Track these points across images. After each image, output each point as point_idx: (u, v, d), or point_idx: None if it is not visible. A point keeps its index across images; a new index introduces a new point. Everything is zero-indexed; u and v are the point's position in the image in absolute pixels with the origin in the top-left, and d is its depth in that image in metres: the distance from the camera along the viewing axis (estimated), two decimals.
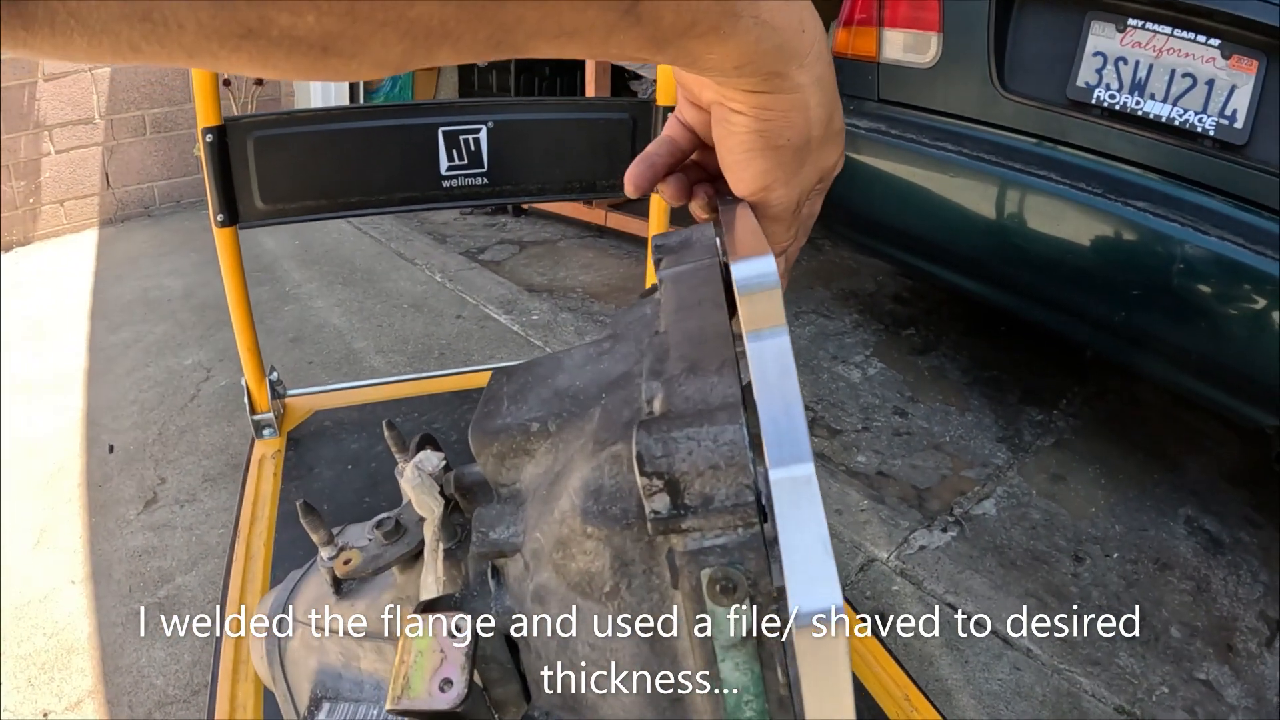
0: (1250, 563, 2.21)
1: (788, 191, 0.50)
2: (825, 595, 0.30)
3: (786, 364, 0.36)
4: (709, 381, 0.39)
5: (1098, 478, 2.45)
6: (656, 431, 0.36)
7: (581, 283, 3.44)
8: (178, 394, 2.56)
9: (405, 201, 1.50)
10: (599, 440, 0.44)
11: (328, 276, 3.39)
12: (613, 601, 0.43)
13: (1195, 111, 1.80)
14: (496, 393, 0.53)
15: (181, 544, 2.00)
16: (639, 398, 0.46)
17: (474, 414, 0.52)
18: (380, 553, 0.62)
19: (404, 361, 2.76)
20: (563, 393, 0.50)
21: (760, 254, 0.37)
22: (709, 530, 0.36)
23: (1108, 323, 2.05)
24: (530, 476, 0.51)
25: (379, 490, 1.44)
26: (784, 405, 0.34)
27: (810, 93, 0.44)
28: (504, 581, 0.51)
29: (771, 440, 0.33)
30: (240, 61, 0.29)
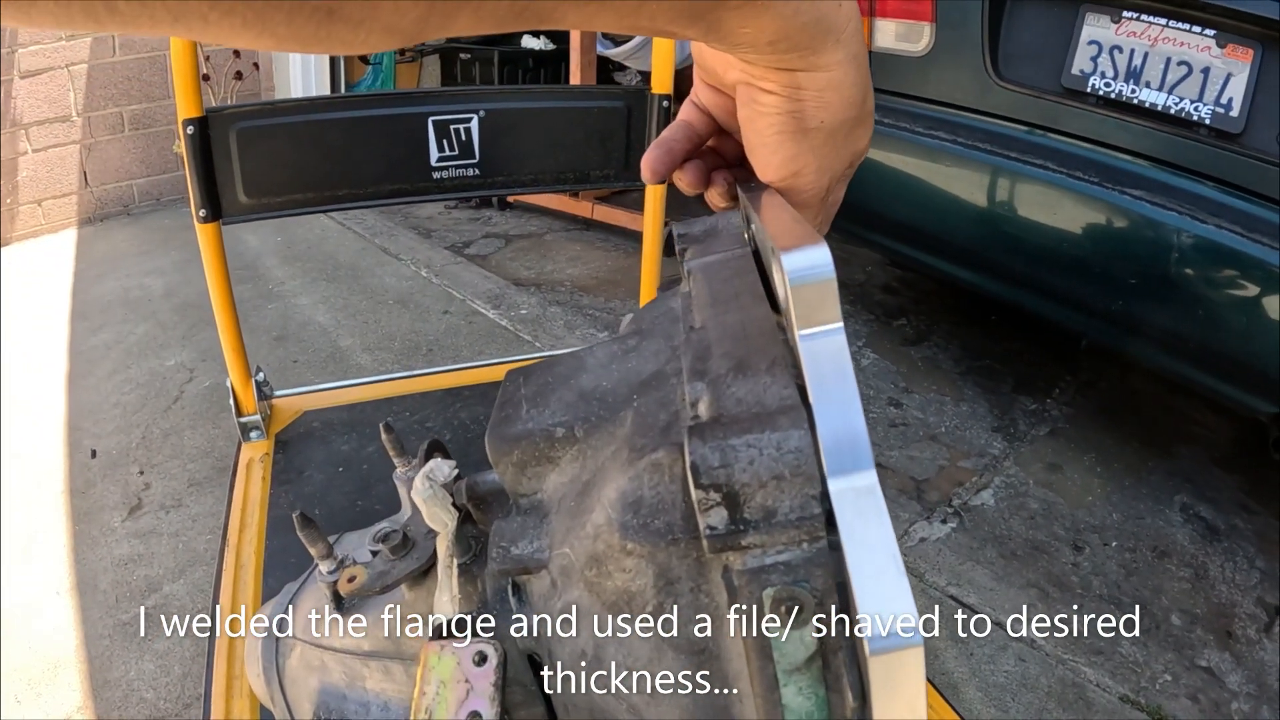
0: (1246, 549, 2.21)
1: (818, 177, 0.47)
2: (901, 614, 0.28)
3: (844, 364, 0.33)
4: (761, 381, 0.36)
5: (1093, 466, 2.44)
6: (712, 439, 0.33)
7: (569, 276, 3.40)
8: (160, 396, 2.51)
9: (394, 194, 1.46)
10: (635, 447, 0.41)
11: (311, 273, 3.35)
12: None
13: (1191, 100, 1.79)
14: (514, 395, 0.50)
15: (168, 551, 1.95)
16: (676, 399, 0.42)
17: (490, 419, 0.48)
18: (387, 569, 0.58)
19: (391, 359, 2.72)
20: (589, 394, 0.47)
21: (812, 243, 0.34)
22: (771, 546, 0.33)
23: (1104, 311, 2.04)
24: (554, 486, 0.47)
25: (371, 493, 1.40)
26: (843, 409, 0.32)
27: (846, 71, 0.42)
28: (526, 598, 0.48)
29: (831, 447, 0.31)
30: (233, 25, 0.25)
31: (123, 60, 3.76)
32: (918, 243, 2.39)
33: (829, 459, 0.31)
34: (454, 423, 1.61)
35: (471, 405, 1.66)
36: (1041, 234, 2.05)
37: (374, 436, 1.56)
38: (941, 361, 2.91)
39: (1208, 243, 1.78)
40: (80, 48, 3.62)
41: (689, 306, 0.46)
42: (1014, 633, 1.90)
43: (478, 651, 0.43)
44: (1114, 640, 1.91)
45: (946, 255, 2.35)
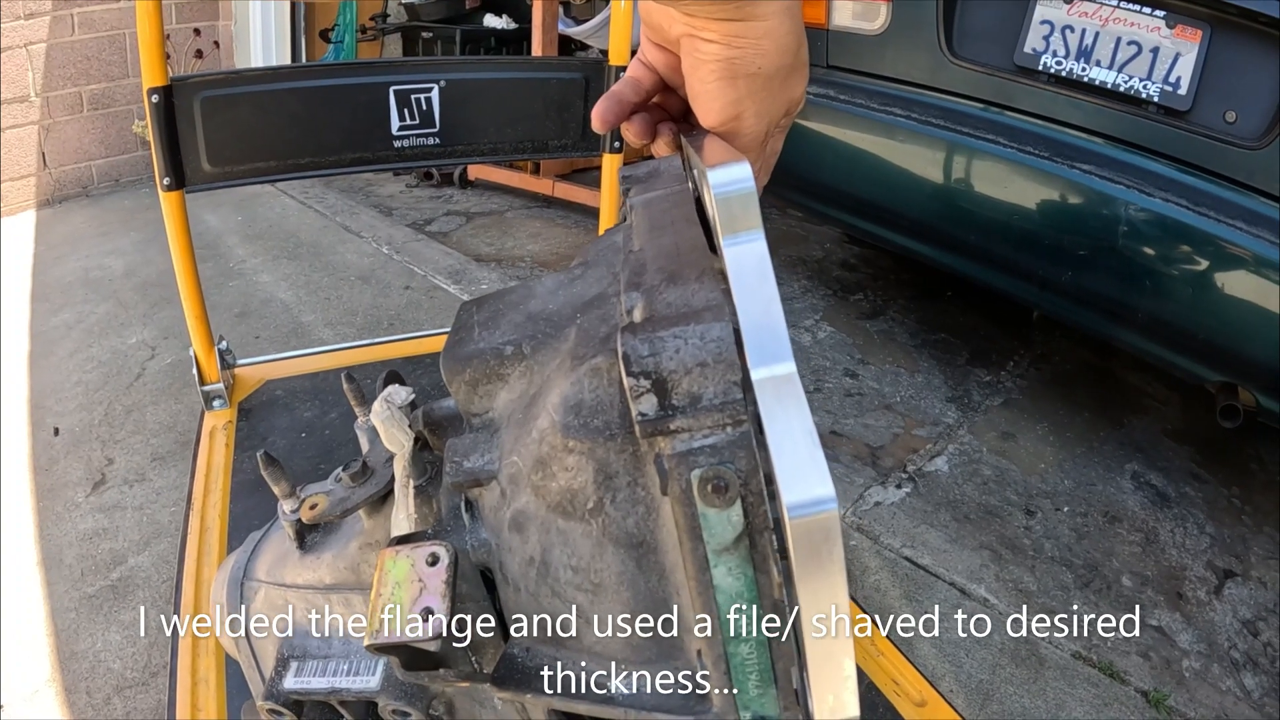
0: (1196, 515, 2.27)
1: (757, 121, 0.50)
2: (817, 485, 0.30)
3: (764, 267, 0.36)
4: (690, 288, 0.39)
5: (1046, 435, 2.50)
6: (642, 333, 0.36)
7: (530, 252, 3.42)
8: (122, 374, 2.50)
9: (356, 162, 1.47)
10: (577, 356, 0.44)
11: (272, 251, 3.33)
12: (597, 518, 0.42)
13: (1140, 78, 1.83)
14: (467, 321, 0.52)
15: (132, 524, 1.95)
16: (615, 315, 0.45)
17: (444, 344, 0.51)
18: (347, 495, 0.61)
19: (353, 334, 2.72)
20: (536, 316, 0.50)
21: (735, 160, 0.37)
22: (698, 430, 0.35)
23: (1055, 283, 2.08)
24: (504, 403, 0.50)
25: (334, 457, 1.42)
26: (764, 307, 0.34)
27: (781, 20, 0.45)
28: (478, 514, 0.50)
29: (753, 341, 0.33)
30: None
31: (82, 39, 3.71)
32: (874, 218, 2.43)
33: (751, 351, 0.33)
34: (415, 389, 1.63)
35: (433, 372, 1.67)
36: (994, 208, 2.09)
37: (335, 404, 1.57)
38: (897, 335, 2.96)
39: (1156, 216, 1.83)
40: (39, 26, 3.56)
41: (629, 236, 0.49)
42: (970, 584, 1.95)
43: (430, 553, 0.45)
44: (1066, 599, 1.96)
45: (902, 230, 2.38)
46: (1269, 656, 1.91)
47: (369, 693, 0.63)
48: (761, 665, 0.38)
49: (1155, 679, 1.82)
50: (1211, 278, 1.83)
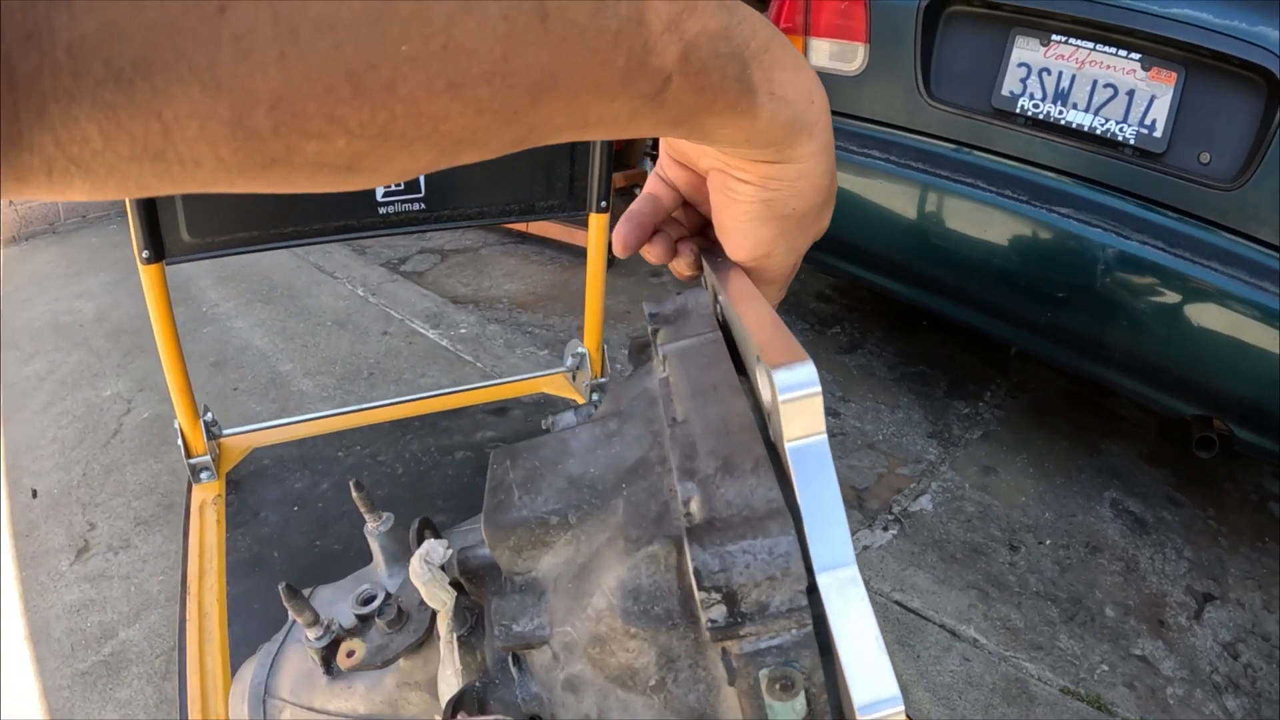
0: (1174, 540, 2.31)
1: (786, 257, 0.51)
2: (884, 688, 0.32)
3: (827, 469, 0.36)
4: (747, 483, 0.39)
5: (1025, 467, 2.53)
6: (710, 545, 0.36)
7: (507, 292, 3.41)
8: (99, 429, 2.45)
9: (340, 230, 1.46)
10: (630, 538, 0.44)
11: (246, 294, 3.29)
12: (659, 694, 0.42)
13: (1116, 121, 1.87)
14: (503, 480, 0.52)
15: (120, 595, 1.91)
16: (663, 488, 0.45)
17: (484, 504, 0.51)
18: (385, 642, 0.60)
19: (333, 383, 2.69)
20: (578, 481, 0.50)
21: (799, 360, 0.38)
22: (765, 634, 0.36)
23: (1034, 323, 2.12)
24: (548, 566, 0.50)
25: (329, 532, 1.40)
26: (827, 510, 0.36)
27: (817, 161, 0.45)
28: (527, 668, 0.51)
29: (817, 544, 0.35)
30: (254, 187, 0.28)
31: None
32: (853, 258, 2.45)
33: (816, 555, 0.35)
34: (405, 455, 1.61)
35: (422, 436, 1.67)
36: (973, 250, 2.12)
37: (326, 473, 1.55)
38: (876, 369, 2.99)
39: (1133, 257, 1.87)
40: None
41: (668, 395, 0.49)
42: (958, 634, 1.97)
43: None
44: (1052, 634, 1.99)
45: (881, 271, 2.41)
46: (1249, 678, 1.96)
47: None
48: None
49: (1141, 708, 1.85)
50: (1188, 316, 1.87)
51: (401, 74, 0.26)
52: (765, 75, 0.39)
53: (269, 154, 0.26)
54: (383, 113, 0.27)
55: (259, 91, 0.24)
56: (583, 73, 0.31)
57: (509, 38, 0.28)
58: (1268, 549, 2.33)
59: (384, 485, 1.53)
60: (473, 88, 0.28)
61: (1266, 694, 1.93)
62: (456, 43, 0.27)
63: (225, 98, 0.24)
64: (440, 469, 1.57)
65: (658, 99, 0.35)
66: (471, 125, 0.30)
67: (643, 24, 0.32)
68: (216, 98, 0.24)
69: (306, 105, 0.25)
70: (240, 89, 0.24)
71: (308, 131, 0.26)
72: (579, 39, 0.30)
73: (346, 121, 0.26)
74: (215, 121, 0.24)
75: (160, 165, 0.25)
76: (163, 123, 0.24)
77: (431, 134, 0.29)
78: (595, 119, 0.34)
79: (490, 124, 0.30)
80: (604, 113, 0.34)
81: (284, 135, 0.26)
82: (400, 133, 0.28)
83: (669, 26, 0.33)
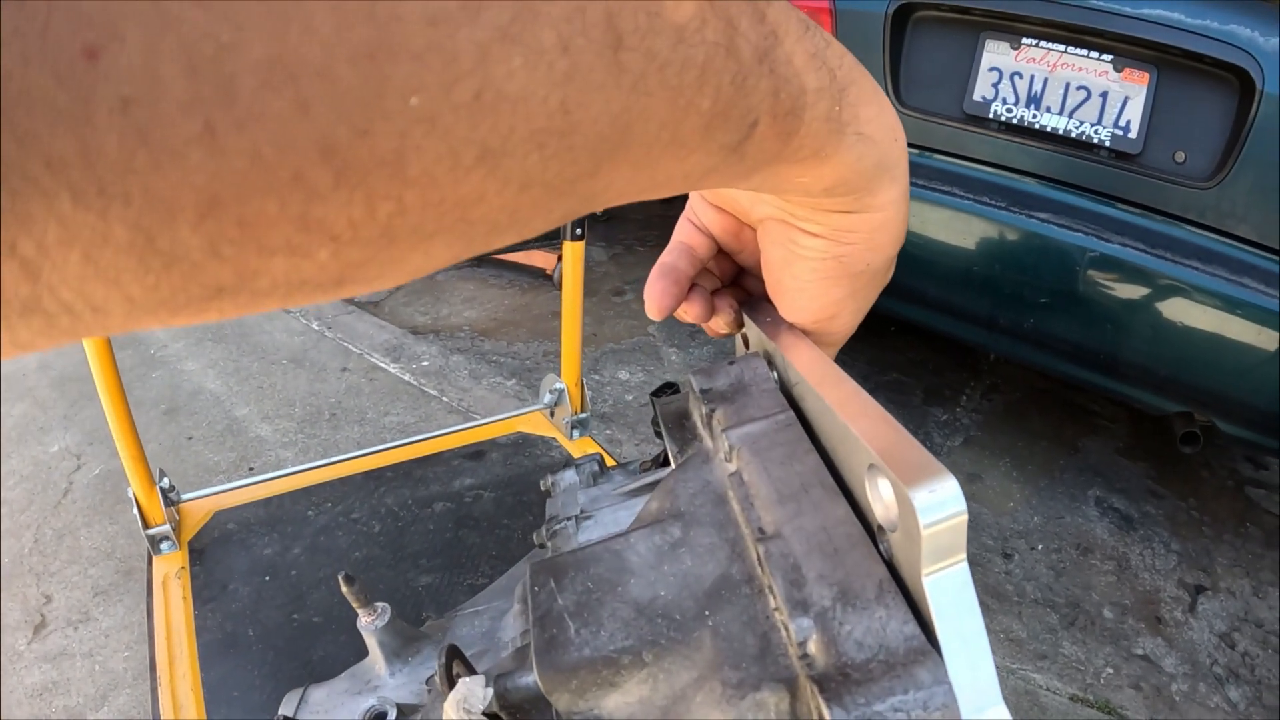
0: (1160, 534, 2.32)
1: (852, 320, 0.45)
2: None
3: (970, 601, 0.31)
4: (876, 616, 0.33)
5: (1010, 471, 2.51)
6: (854, 706, 0.30)
7: (468, 319, 3.30)
8: (48, 489, 2.32)
9: None
10: (729, 682, 0.37)
11: (195, 333, 3.14)
12: None
13: (1091, 123, 1.84)
14: (551, 609, 0.44)
15: (84, 675, 1.79)
16: (758, 615, 0.39)
17: (533, 640, 0.43)
18: None
19: (294, 427, 2.57)
20: (647, 610, 0.42)
21: (939, 476, 0.31)
22: None
23: (1017, 330, 2.09)
24: (616, 705, 0.43)
25: (306, 603, 1.31)
26: (974, 651, 0.31)
27: (898, 209, 0.38)
28: None
29: (965, 690, 0.31)
30: (204, 319, 0.19)
31: None
32: None
33: (964, 702, 0.30)
34: (380, 510, 1.53)
35: (396, 488, 1.58)
36: (952, 258, 2.09)
37: (297, 535, 1.46)
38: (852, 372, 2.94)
39: (1113, 259, 1.85)
40: None
41: (746, 497, 0.42)
42: None
43: None
44: (1055, 642, 1.97)
45: None
46: (1248, 666, 1.97)
47: None
48: None
49: (1149, 708, 1.85)
50: (1170, 315, 1.86)
51: (412, 144, 0.18)
52: (854, 112, 0.32)
53: (211, 283, 0.17)
54: (385, 205, 0.18)
55: (176, 194, 0.15)
56: (661, 123, 0.23)
57: (570, 79, 0.20)
58: (1250, 534, 2.36)
59: (361, 545, 1.44)
60: (518, 155, 0.20)
61: (1266, 680, 1.94)
62: (495, 90, 0.18)
63: (118, 210, 0.15)
64: (420, 523, 1.49)
65: (740, 149, 0.27)
66: (512, 206, 0.21)
67: (733, 53, 0.25)
68: (104, 211, 0.15)
69: (262, 207, 0.16)
70: (142, 192, 0.15)
71: (269, 246, 0.17)
72: (658, 76, 0.22)
73: (330, 225, 0.18)
74: (109, 248, 0.16)
75: (38, 320, 0.16)
76: (21, 260, 0.15)
77: (458, 224, 0.21)
78: (664, 180, 0.26)
79: (537, 201, 0.22)
80: (674, 171, 0.26)
81: (230, 256, 0.17)
82: (413, 229, 0.20)
83: (761, 56, 0.26)
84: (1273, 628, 2.07)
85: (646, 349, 3.02)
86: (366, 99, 0.17)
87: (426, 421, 2.58)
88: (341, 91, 0.16)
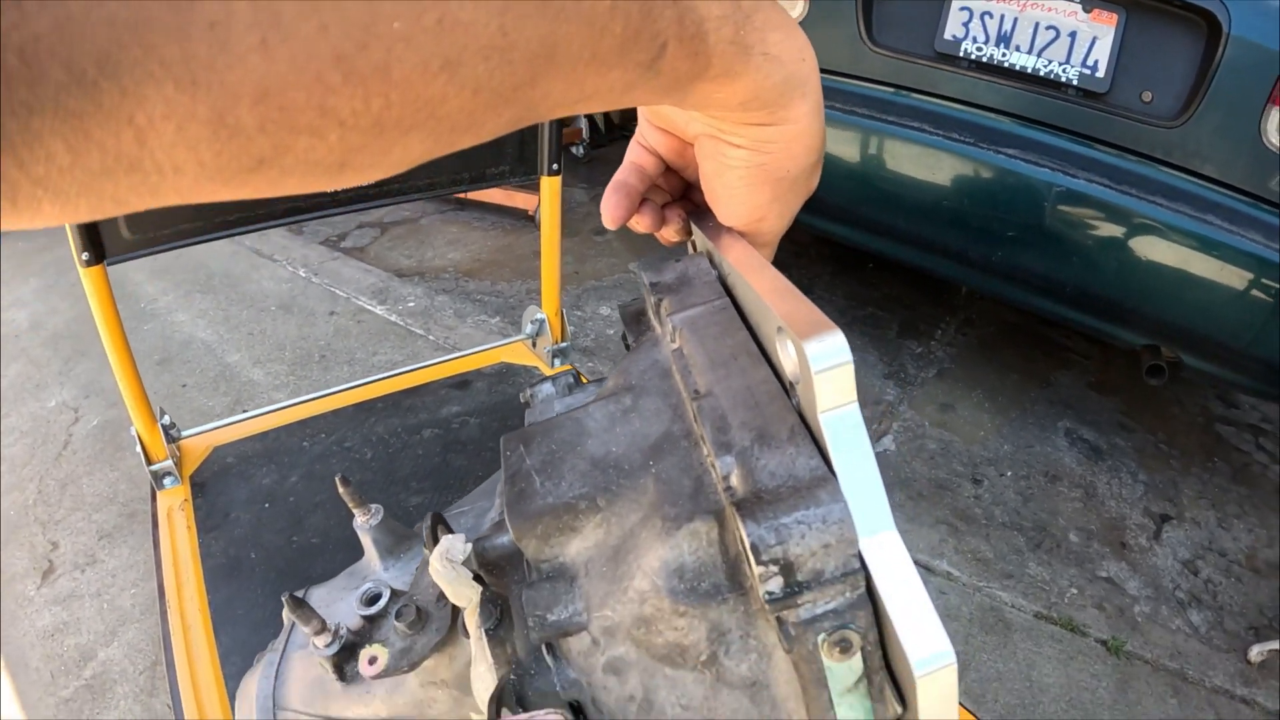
0: (1129, 464, 2.39)
1: (780, 221, 0.51)
2: (936, 644, 0.34)
3: (861, 437, 0.37)
4: (787, 453, 0.39)
5: (981, 401, 2.58)
6: (764, 520, 0.36)
7: (451, 261, 3.36)
8: (48, 443, 2.37)
9: (290, 213, 1.42)
10: (668, 516, 0.43)
11: (184, 286, 3.18)
12: (710, 668, 0.42)
13: (1059, 62, 1.89)
14: (520, 467, 0.51)
15: (93, 614, 1.86)
16: (693, 463, 0.45)
17: (504, 495, 0.50)
18: (408, 645, 0.59)
19: (285, 370, 2.63)
20: (601, 463, 0.49)
21: (829, 330, 0.38)
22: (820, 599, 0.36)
23: (985, 263, 2.15)
24: (577, 550, 0.49)
25: (305, 526, 1.38)
26: (865, 477, 0.37)
27: (811, 121, 0.44)
28: (563, 655, 0.50)
29: (859, 512, 0.36)
30: (240, 193, 0.26)
31: None
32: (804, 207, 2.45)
33: (859, 522, 0.36)
34: (371, 438, 1.59)
35: (386, 418, 1.64)
36: (922, 192, 2.14)
37: (293, 465, 1.52)
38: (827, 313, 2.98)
39: (1080, 195, 1.91)
40: None
41: (685, 366, 0.48)
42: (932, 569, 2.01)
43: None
44: (1021, 563, 2.05)
45: (831, 216, 2.42)
46: (1210, 592, 2.05)
47: None
48: None
49: (1112, 627, 1.93)
50: (1135, 250, 1.92)
51: (395, 55, 0.25)
52: (759, 36, 0.38)
53: (256, 154, 0.24)
54: (377, 100, 0.25)
55: (241, 84, 0.22)
56: (581, 44, 0.30)
57: (506, 10, 0.27)
58: (1218, 469, 2.43)
59: (354, 471, 1.51)
60: (470, 65, 0.27)
61: (1228, 607, 2.01)
62: (452, 17, 0.25)
63: (204, 94, 0.22)
64: (409, 449, 1.55)
65: (654, 67, 0.34)
66: (469, 108, 0.28)
67: None
68: (194, 95, 0.22)
69: (295, 97, 0.23)
70: (219, 83, 0.22)
71: (297, 126, 0.24)
72: (576, 8, 0.29)
73: (339, 112, 0.25)
74: (194, 122, 0.22)
75: (136, 177, 0.23)
76: (135, 128, 0.22)
77: (428, 120, 0.27)
78: (591, 91, 0.33)
79: (488, 104, 0.29)
80: (600, 84, 0.33)
81: (271, 132, 0.24)
82: (395, 121, 0.26)
83: None
84: (1236, 557, 2.14)
85: (627, 285, 3.09)
86: (365, 24, 0.24)
87: (414, 359, 2.63)
88: (349, 19, 0.23)
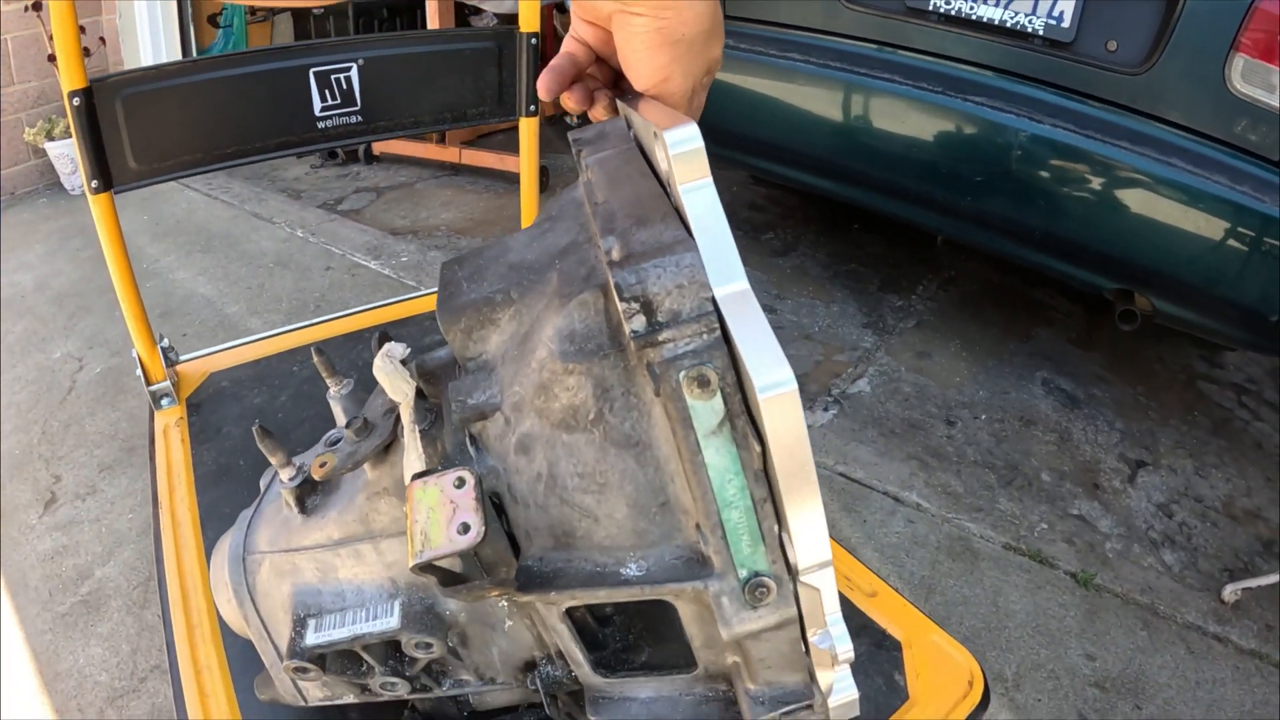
0: (1106, 414, 2.44)
1: (684, 81, 0.58)
2: (778, 370, 0.39)
3: (716, 207, 0.45)
4: (658, 228, 0.46)
5: (959, 352, 2.64)
6: (628, 266, 0.43)
7: (444, 221, 3.45)
8: (53, 389, 2.45)
9: (282, 146, 1.48)
10: (563, 294, 0.51)
11: (185, 246, 3.27)
12: (598, 427, 0.49)
13: (1025, 14, 1.96)
14: (452, 278, 0.59)
15: (92, 537, 1.94)
16: (591, 258, 0.52)
17: (436, 300, 0.57)
18: (354, 449, 0.66)
19: (281, 320, 2.71)
20: (517, 266, 0.56)
21: (684, 123, 0.45)
22: (681, 339, 0.43)
23: (956, 209, 2.21)
24: (497, 344, 0.57)
25: (292, 437, 1.44)
26: (718, 238, 0.44)
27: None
28: (483, 445, 0.57)
29: (713, 266, 0.43)
30: None
31: None
32: (781, 159, 2.52)
33: (712, 275, 0.42)
34: (359, 364, 1.65)
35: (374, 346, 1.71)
36: (894, 142, 2.20)
37: (282, 387, 1.59)
38: (810, 269, 3.08)
39: (1045, 140, 1.97)
40: None
41: (591, 191, 0.56)
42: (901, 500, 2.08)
43: (456, 478, 0.51)
44: (991, 498, 2.10)
45: (808, 168, 2.48)
46: (1185, 535, 2.08)
47: (390, 632, 0.67)
48: (751, 527, 0.46)
49: (1082, 561, 1.97)
50: (1101, 194, 1.97)
51: None
52: None
53: None
54: None
55: None
56: None
57: None
58: (1197, 422, 2.45)
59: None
60: None
61: (1203, 549, 2.03)
62: None
63: None
64: None
65: None
66: None
67: None
68: None
69: None
70: None
71: None
72: None
73: None
74: None
75: None
76: None
77: None
78: None
79: None
80: None
81: None
82: None
83: None
84: (1213, 504, 2.17)
85: None
86: None
87: None
88: None
